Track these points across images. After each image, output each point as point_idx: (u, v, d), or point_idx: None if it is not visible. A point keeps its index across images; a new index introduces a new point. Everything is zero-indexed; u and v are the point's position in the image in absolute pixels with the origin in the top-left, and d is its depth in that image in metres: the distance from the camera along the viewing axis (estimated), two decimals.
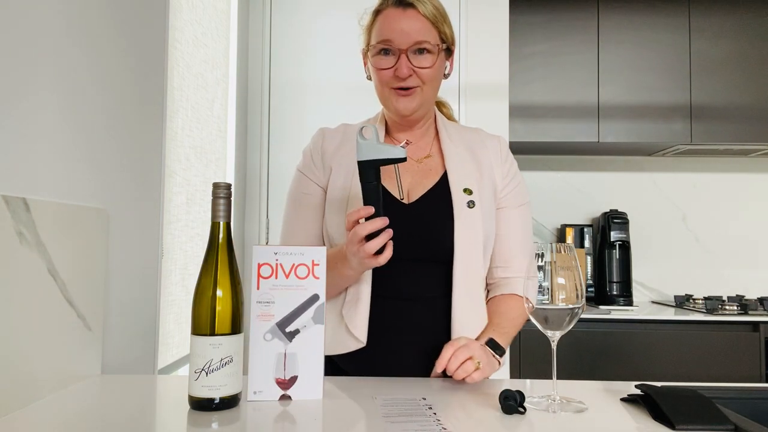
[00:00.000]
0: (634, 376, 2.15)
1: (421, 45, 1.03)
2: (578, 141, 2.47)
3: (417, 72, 1.04)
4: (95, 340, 0.99)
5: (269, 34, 2.29)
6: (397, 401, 0.83)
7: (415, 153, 1.14)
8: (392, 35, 1.03)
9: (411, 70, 1.03)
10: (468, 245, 1.05)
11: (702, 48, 2.47)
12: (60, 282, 0.88)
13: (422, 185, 1.10)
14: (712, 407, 0.75)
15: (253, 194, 2.24)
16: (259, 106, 2.26)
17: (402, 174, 1.11)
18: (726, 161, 2.79)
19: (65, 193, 0.94)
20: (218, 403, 0.77)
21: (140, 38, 1.23)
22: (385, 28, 1.04)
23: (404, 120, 1.11)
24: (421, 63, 1.04)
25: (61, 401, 0.83)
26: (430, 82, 1.06)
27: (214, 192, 0.80)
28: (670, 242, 2.76)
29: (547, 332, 0.81)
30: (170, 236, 1.51)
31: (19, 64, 0.83)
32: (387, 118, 1.16)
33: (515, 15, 2.42)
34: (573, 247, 0.86)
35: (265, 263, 0.84)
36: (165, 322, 1.47)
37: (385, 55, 1.05)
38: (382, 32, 1.05)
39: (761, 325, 2.15)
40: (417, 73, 1.04)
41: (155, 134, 1.31)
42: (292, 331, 0.84)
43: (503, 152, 1.16)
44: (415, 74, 1.04)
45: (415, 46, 1.03)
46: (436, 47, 1.05)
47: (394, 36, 1.03)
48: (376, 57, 1.06)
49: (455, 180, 1.09)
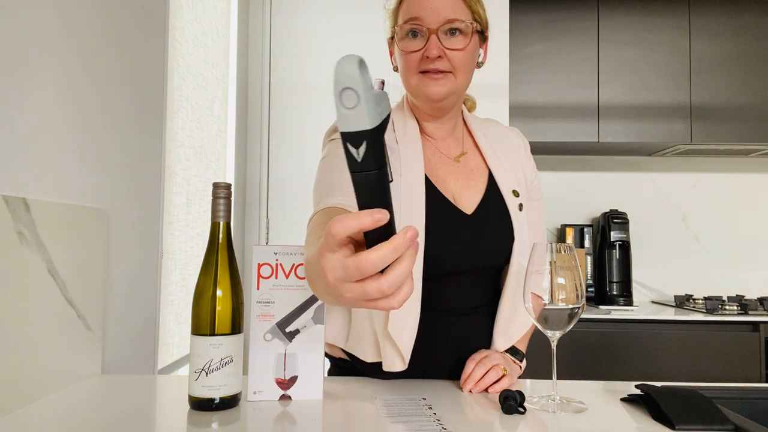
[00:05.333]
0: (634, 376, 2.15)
1: (453, 24, 0.93)
2: (578, 141, 2.47)
3: (448, 55, 0.93)
4: (95, 340, 0.99)
5: (269, 34, 2.29)
6: (397, 401, 0.83)
7: (450, 149, 1.05)
8: (421, 12, 0.93)
9: (441, 51, 0.93)
10: (523, 251, 0.99)
11: (702, 48, 2.47)
12: (60, 282, 0.88)
13: (472, 189, 1.01)
14: (712, 407, 0.75)
15: (253, 194, 2.24)
16: (259, 106, 2.26)
17: (441, 174, 1.01)
18: (726, 161, 2.79)
19: (65, 193, 0.94)
20: (218, 403, 0.77)
21: (140, 38, 1.23)
22: (413, 6, 0.94)
23: (433, 106, 0.99)
24: (452, 44, 0.94)
25: (61, 401, 0.83)
26: (462, 67, 0.95)
27: (214, 192, 0.80)
28: (670, 242, 2.76)
29: (547, 332, 0.81)
30: (170, 236, 1.51)
31: (19, 64, 0.83)
32: (412, 107, 1.04)
33: (515, 15, 2.42)
34: (573, 247, 0.86)
35: (265, 263, 0.84)
36: (165, 322, 1.47)
37: (413, 37, 0.95)
38: (410, 10, 0.95)
39: (761, 325, 2.15)
40: (448, 56, 0.94)
41: (155, 134, 1.31)
42: (292, 331, 0.84)
43: (527, 147, 1.12)
44: (446, 57, 0.94)
45: (446, 25, 0.93)
46: (470, 27, 0.95)
47: (423, 14, 0.93)
48: (404, 40, 0.96)
49: (503, 182, 1.02)
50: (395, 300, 0.50)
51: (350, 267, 0.47)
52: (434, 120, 1.04)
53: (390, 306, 0.50)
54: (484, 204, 1.00)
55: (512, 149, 1.09)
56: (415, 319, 0.91)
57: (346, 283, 0.49)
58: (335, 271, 0.49)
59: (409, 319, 0.91)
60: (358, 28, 2.27)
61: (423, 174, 0.96)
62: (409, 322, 0.91)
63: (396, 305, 0.50)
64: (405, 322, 0.91)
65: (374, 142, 0.46)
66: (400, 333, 0.90)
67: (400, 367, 0.92)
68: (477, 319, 1.00)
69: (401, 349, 0.91)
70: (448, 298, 0.97)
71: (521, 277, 0.93)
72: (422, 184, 0.95)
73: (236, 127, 2.10)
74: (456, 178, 1.02)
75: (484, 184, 1.03)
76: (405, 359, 0.91)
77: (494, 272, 1.02)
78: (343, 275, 0.49)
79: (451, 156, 1.04)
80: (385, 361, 0.93)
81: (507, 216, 1.00)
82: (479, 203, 1.00)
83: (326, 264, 0.49)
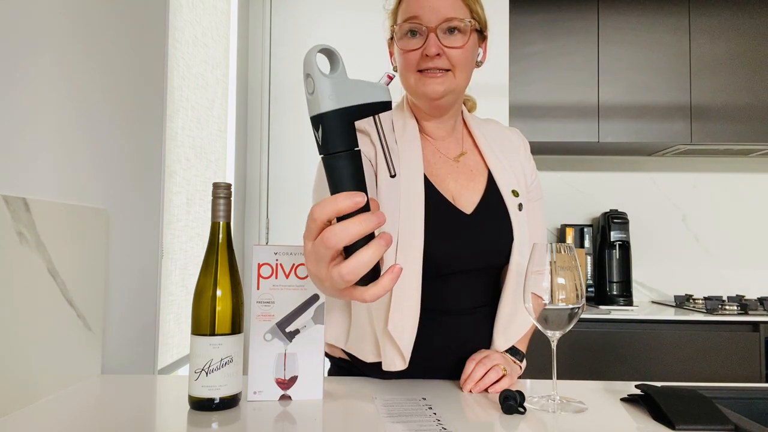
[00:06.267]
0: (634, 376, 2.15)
1: (452, 22, 0.94)
2: (578, 141, 2.47)
3: (447, 53, 0.94)
4: (95, 340, 0.99)
5: (269, 34, 2.29)
6: (397, 401, 0.83)
7: (449, 149, 1.05)
8: (420, 11, 0.94)
9: (440, 49, 0.93)
10: (523, 251, 0.99)
11: (702, 48, 2.47)
12: (60, 282, 0.88)
13: (471, 189, 1.02)
14: (712, 407, 0.75)
15: (253, 194, 2.24)
16: (259, 106, 2.26)
17: (441, 174, 1.01)
18: (726, 161, 2.79)
19: (65, 193, 0.94)
20: (218, 403, 0.77)
21: (140, 38, 1.23)
22: (412, 5, 0.95)
23: (433, 105, 1.00)
24: (451, 43, 0.94)
25: (61, 401, 0.83)
26: (461, 65, 0.96)
27: (214, 192, 0.80)
28: (670, 242, 2.76)
29: (547, 332, 0.81)
30: (170, 236, 1.51)
31: (19, 64, 0.83)
32: (412, 106, 1.05)
33: (515, 15, 2.42)
34: (573, 247, 0.86)
35: (265, 263, 0.84)
36: (165, 322, 1.47)
37: (412, 36, 0.96)
38: (409, 9, 0.96)
39: (761, 325, 2.15)
40: (447, 54, 0.94)
41: (155, 134, 1.31)
42: (292, 331, 0.84)
43: (527, 147, 1.12)
44: (445, 55, 0.94)
45: (445, 23, 0.93)
46: (468, 25, 0.95)
47: (421, 12, 0.94)
48: (403, 39, 0.97)
49: (502, 182, 1.03)
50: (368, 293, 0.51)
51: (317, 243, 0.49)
52: (434, 119, 1.04)
53: (362, 298, 0.51)
54: (484, 204, 1.00)
55: (512, 149, 1.09)
56: (415, 317, 0.91)
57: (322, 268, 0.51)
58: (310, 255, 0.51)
59: (409, 318, 0.91)
60: (358, 28, 2.27)
61: (422, 174, 0.96)
62: (409, 321, 0.91)
63: (368, 298, 0.51)
64: (405, 321, 0.91)
65: (330, 126, 0.48)
66: (400, 332, 0.90)
67: (400, 366, 0.92)
68: (477, 319, 1.00)
69: (401, 348, 0.91)
70: (447, 298, 0.97)
71: (521, 277, 0.94)
72: (422, 184, 0.95)
73: (236, 127, 2.10)
74: (455, 178, 1.02)
75: (484, 185, 1.03)
76: (405, 358, 0.91)
77: (494, 272, 1.02)
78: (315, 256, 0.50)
79: (451, 156, 1.05)
80: (385, 360, 0.93)
81: (506, 216, 1.00)
82: (478, 203, 1.00)
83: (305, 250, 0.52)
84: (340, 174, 0.49)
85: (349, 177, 0.49)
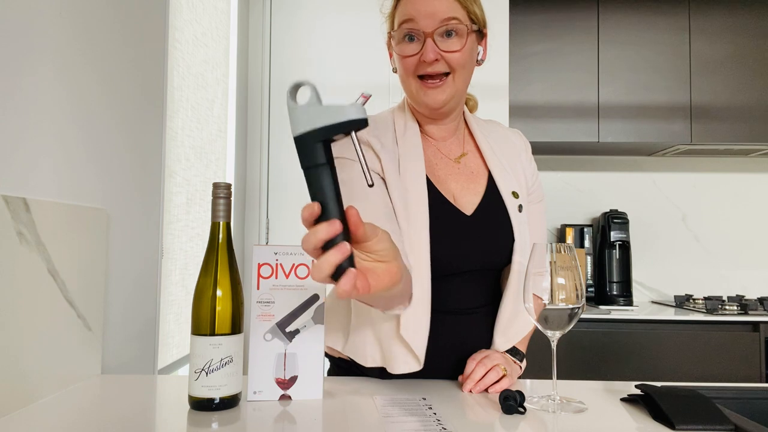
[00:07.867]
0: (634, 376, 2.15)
1: (449, 25, 0.93)
2: (578, 141, 2.47)
3: (445, 57, 0.93)
4: (95, 340, 0.99)
5: (269, 34, 2.29)
6: (397, 401, 0.83)
7: (451, 150, 1.05)
8: (416, 14, 0.93)
9: (438, 54, 0.93)
10: (524, 252, 0.99)
11: (702, 48, 2.47)
12: (60, 282, 0.88)
13: (472, 191, 1.02)
14: (712, 407, 0.75)
15: (253, 194, 2.24)
16: (259, 106, 2.26)
17: (442, 175, 1.01)
18: (726, 161, 2.79)
19: (65, 193, 0.94)
20: (218, 403, 0.77)
21: (140, 38, 1.23)
22: (408, 9, 0.94)
23: (434, 113, 1.00)
24: (449, 46, 0.93)
25: (61, 401, 0.83)
26: (460, 68, 0.95)
27: (214, 192, 0.80)
28: (670, 242, 2.76)
29: (547, 332, 0.81)
30: (170, 236, 1.51)
31: (19, 64, 0.83)
32: (413, 110, 1.04)
33: (515, 15, 2.42)
34: (573, 247, 0.86)
35: (265, 263, 0.84)
36: (165, 322, 1.47)
37: (409, 41, 0.95)
38: (405, 13, 0.95)
39: (761, 325, 2.15)
40: (445, 58, 0.93)
41: (155, 134, 1.31)
42: (292, 331, 0.84)
43: (529, 149, 1.12)
44: (443, 59, 0.93)
45: (441, 26, 0.92)
46: (466, 28, 0.94)
47: (417, 16, 0.93)
48: (400, 45, 0.96)
49: (502, 183, 1.02)
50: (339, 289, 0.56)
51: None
52: (435, 122, 1.04)
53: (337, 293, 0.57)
54: (484, 205, 1.00)
55: (513, 151, 1.09)
56: (427, 319, 0.92)
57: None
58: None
59: (422, 320, 0.92)
60: (358, 28, 2.27)
61: (424, 175, 0.96)
62: (422, 323, 0.92)
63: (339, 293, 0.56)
64: (418, 324, 0.91)
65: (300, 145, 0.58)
66: (413, 334, 0.91)
67: (415, 367, 0.93)
68: (477, 319, 1.01)
69: (415, 350, 0.91)
70: (448, 298, 0.98)
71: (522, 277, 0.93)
72: (424, 185, 0.95)
73: (236, 127, 2.10)
74: (456, 179, 1.02)
75: (484, 186, 1.03)
76: (420, 359, 0.92)
77: (494, 272, 1.03)
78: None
79: (452, 157, 1.05)
80: (397, 363, 0.93)
81: (506, 217, 1.00)
82: (478, 204, 1.00)
83: None
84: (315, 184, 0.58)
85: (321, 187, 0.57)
